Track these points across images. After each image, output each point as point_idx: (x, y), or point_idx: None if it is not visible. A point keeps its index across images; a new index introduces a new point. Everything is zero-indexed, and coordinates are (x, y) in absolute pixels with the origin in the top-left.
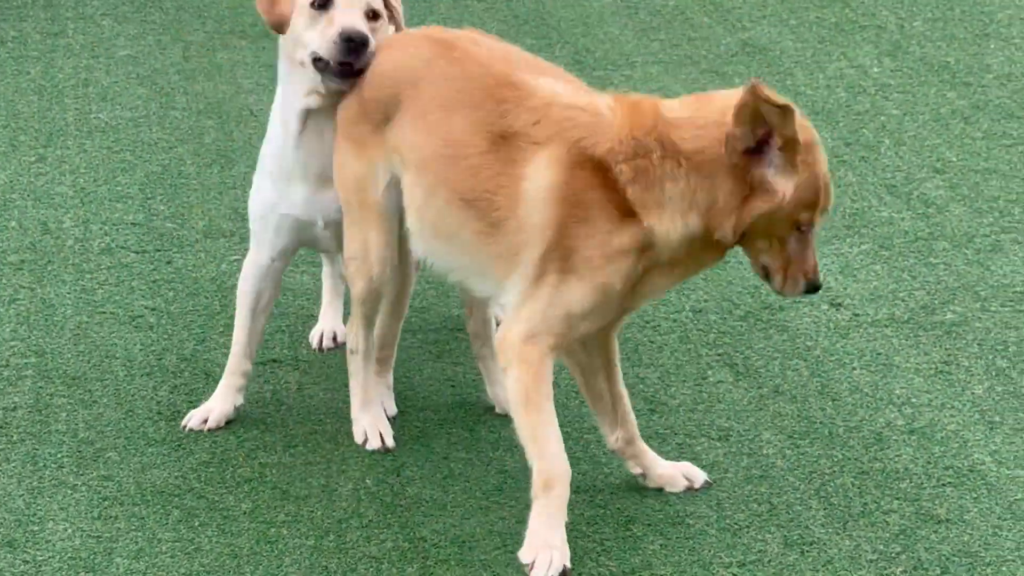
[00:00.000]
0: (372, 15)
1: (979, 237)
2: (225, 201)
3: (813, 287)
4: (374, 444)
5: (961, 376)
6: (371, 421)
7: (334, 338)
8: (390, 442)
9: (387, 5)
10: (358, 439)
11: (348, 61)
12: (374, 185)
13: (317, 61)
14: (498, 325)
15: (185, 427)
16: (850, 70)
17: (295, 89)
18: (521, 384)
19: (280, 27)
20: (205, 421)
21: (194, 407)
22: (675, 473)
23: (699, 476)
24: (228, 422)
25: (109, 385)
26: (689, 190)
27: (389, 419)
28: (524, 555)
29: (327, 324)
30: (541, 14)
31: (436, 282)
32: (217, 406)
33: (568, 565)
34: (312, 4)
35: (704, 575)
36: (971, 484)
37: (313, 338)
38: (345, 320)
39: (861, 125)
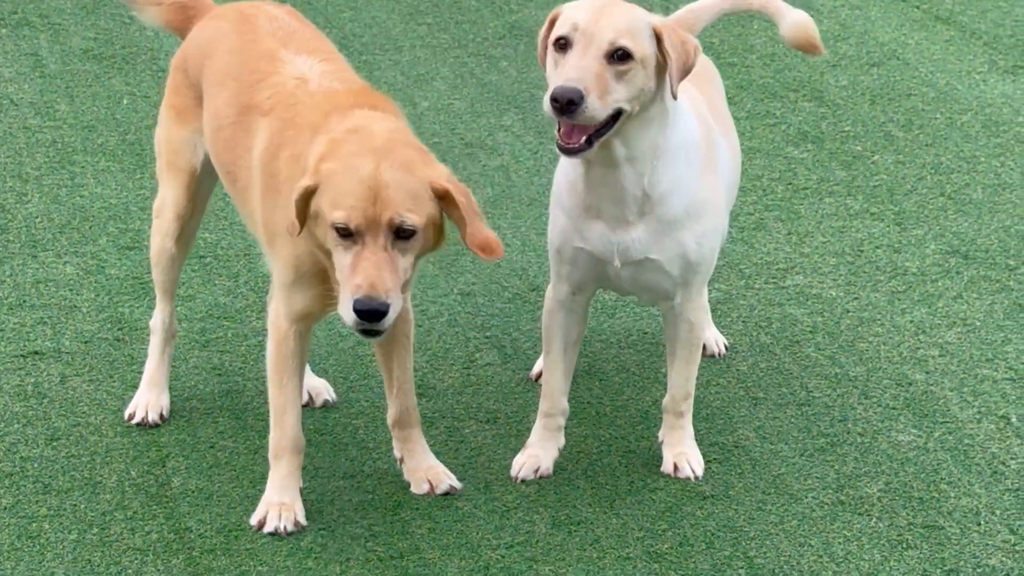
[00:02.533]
0: (618, 56)
1: (743, 215)
2: None
3: (364, 310)
4: (139, 417)
5: (726, 353)
6: (148, 400)
7: None
8: (153, 417)
9: (660, 48)
10: (128, 412)
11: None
12: (190, 152)
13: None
14: None
15: (517, 478)
16: None
17: None
18: (269, 355)
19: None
20: (536, 470)
21: None
22: (421, 477)
23: (443, 482)
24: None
25: None
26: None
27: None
28: (253, 518)
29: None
30: None
31: (202, 269)
32: (541, 452)
33: (302, 521)
34: (555, 43)
35: (472, 557)
36: (736, 460)
37: None
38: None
39: None
